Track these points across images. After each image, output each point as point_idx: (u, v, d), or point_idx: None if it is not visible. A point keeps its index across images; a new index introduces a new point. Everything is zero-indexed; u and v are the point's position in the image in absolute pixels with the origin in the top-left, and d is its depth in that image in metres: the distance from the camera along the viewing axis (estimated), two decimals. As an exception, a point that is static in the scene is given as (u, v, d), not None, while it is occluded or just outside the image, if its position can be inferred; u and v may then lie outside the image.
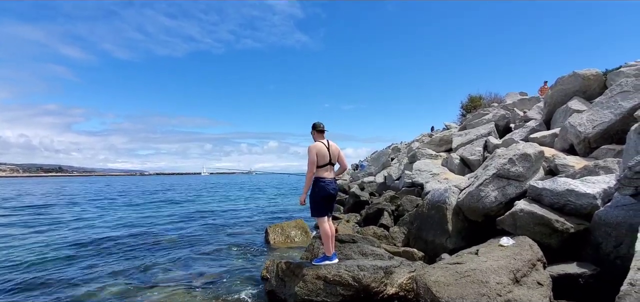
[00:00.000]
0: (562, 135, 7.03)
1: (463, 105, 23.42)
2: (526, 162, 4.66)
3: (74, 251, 7.55)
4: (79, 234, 9.66)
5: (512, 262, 3.19)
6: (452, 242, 5.01)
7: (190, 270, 6.01)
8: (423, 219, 5.81)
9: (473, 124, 13.14)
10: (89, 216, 13.96)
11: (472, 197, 4.86)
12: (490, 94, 22.50)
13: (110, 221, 12.51)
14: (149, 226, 11.05)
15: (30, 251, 7.57)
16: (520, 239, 3.74)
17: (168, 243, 8.31)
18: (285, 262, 4.60)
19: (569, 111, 7.69)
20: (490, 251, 3.65)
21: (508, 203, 4.56)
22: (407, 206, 8.27)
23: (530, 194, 4.34)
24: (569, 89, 8.50)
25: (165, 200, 21.81)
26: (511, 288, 2.93)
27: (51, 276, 5.80)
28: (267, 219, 12.42)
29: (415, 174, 10.44)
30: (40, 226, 11.27)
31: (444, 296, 2.89)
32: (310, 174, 4.29)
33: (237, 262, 6.43)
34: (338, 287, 3.82)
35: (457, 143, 11.64)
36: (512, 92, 18.15)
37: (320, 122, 4.52)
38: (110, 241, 8.59)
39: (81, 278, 5.65)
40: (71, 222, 12.09)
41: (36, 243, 8.41)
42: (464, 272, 3.11)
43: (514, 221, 4.11)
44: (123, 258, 6.98)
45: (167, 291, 4.95)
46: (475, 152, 9.66)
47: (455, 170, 9.91)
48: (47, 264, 6.55)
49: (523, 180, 4.64)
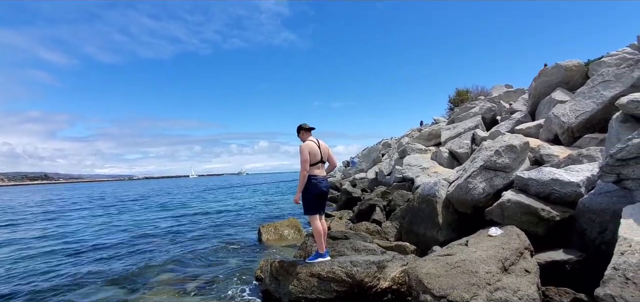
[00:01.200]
0: (546, 125, 7.20)
1: (451, 99, 23.73)
2: (512, 154, 4.76)
3: (68, 257, 7.45)
4: (72, 240, 9.47)
5: (500, 252, 3.27)
6: (443, 234, 5.09)
7: (184, 272, 5.96)
8: (414, 213, 5.89)
9: (461, 118, 13.34)
10: (83, 221, 13.70)
11: (461, 190, 4.94)
12: (477, 88, 22.87)
13: (103, 225, 12.32)
14: (141, 230, 10.90)
15: (29, 259, 7.45)
16: (508, 229, 3.82)
17: (161, 246, 8.22)
18: (278, 261, 4.60)
19: (553, 102, 7.87)
20: (479, 242, 3.72)
21: (496, 194, 4.65)
22: (398, 201, 8.36)
23: (517, 184, 4.44)
24: (552, 80, 8.70)
25: (156, 204, 21.53)
26: (500, 277, 3.00)
27: (45, 282, 5.72)
28: (259, 219, 12.38)
29: (405, 168, 10.55)
30: (38, 234, 11.08)
31: (435, 287, 2.93)
32: (304, 173, 4.29)
33: (231, 263, 6.40)
34: (332, 283, 3.84)
35: (445, 137, 11.80)
36: (498, 85, 18.46)
37: (306, 122, 4.57)
38: (103, 246, 8.47)
39: (76, 282, 5.59)
40: (64, 230, 11.85)
41: (34, 250, 8.27)
42: (454, 264, 3.16)
43: (501, 211, 4.20)
44: (116, 262, 6.91)
45: (161, 294, 4.90)
46: (463, 145, 9.81)
47: (444, 163, 10.05)
48: (43, 271, 6.47)
49: (510, 171, 4.74)
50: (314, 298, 3.86)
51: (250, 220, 12.45)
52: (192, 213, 15.54)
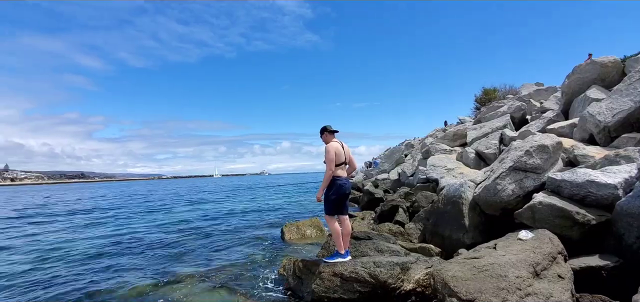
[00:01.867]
0: (581, 125, 6.85)
1: (477, 99, 23.01)
2: (544, 154, 4.57)
3: (106, 249, 8.07)
4: (113, 234, 10.07)
5: (531, 256, 3.15)
6: (469, 237, 4.97)
7: (210, 266, 6.17)
8: (439, 214, 5.77)
9: (488, 117, 12.92)
10: (124, 219, 14.53)
11: (489, 191, 4.80)
12: (505, 86, 22.05)
13: (141, 222, 13.07)
14: (170, 226, 11.36)
15: (75, 249, 8.11)
16: (539, 232, 3.68)
17: (189, 243, 8.51)
18: (301, 260, 4.66)
19: (588, 100, 7.48)
20: (508, 245, 3.60)
21: (526, 196, 4.49)
22: (422, 202, 8.22)
23: (549, 186, 4.26)
24: (587, 77, 8.26)
25: (188, 201, 22.45)
26: (531, 282, 2.90)
27: (88, 271, 6.22)
28: (283, 218, 12.54)
29: (429, 169, 10.35)
30: (82, 227, 11.98)
31: (462, 291, 2.87)
32: (330, 173, 4.35)
33: (255, 260, 6.53)
34: (355, 284, 3.85)
35: (471, 137, 11.47)
36: (527, 83, 17.72)
37: (329, 125, 4.65)
38: (138, 241, 8.97)
39: (111, 274, 5.97)
40: (108, 224, 12.70)
41: (81, 243, 8.97)
42: (482, 267, 3.09)
43: (532, 214, 4.05)
44: (150, 255, 7.41)
45: (189, 286, 5.10)
46: (490, 146, 9.50)
47: (470, 164, 9.78)
48: (89, 260, 7.06)
49: (541, 172, 4.56)
50: (336, 298, 3.88)
51: (273, 219, 12.65)
52: (218, 212, 15.98)
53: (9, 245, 9.14)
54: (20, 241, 9.71)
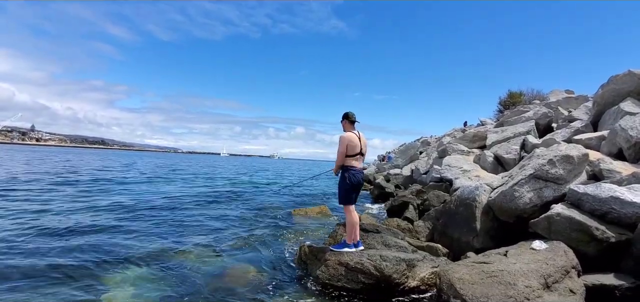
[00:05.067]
0: (610, 138, 6.52)
1: (501, 101, 22.28)
2: (568, 165, 4.39)
3: (123, 215, 8.35)
4: (131, 199, 10.42)
5: (543, 267, 3.06)
6: (480, 241, 4.86)
7: (217, 247, 6.25)
8: (450, 215, 5.67)
9: (511, 121, 12.50)
10: (136, 188, 15.01)
11: (505, 197, 4.67)
12: (531, 91, 21.22)
13: (154, 192, 13.58)
14: (184, 201, 11.62)
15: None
16: (554, 244, 3.56)
17: (195, 223, 8.66)
18: (307, 245, 4.70)
19: (621, 113, 7.09)
20: (520, 254, 3.51)
21: (543, 206, 4.33)
22: (433, 201, 8.10)
23: (569, 198, 4.10)
24: (623, 88, 7.81)
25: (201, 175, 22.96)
26: (541, 293, 2.82)
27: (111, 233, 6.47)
28: (293, 204, 12.57)
29: (444, 169, 10.16)
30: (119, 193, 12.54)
31: (468, 294, 2.83)
32: (339, 163, 4.46)
33: (263, 241, 6.56)
34: (359, 274, 3.85)
35: (492, 140, 11.13)
36: (557, 90, 16.96)
37: (352, 112, 4.58)
38: (149, 210, 9.24)
39: (123, 238, 6.16)
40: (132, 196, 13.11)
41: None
42: (490, 272, 3.02)
43: (549, 224, 3.91)
44: (162, 223, 7.74)
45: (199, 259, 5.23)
46: (511, 151, 9.21)
47: (488, 168, 9.53)
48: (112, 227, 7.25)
49: (562, 183, 4.38)
50: (339, 286, 3.90)
51: (283, 203, 12.69)
52: (227, 190, 16.22)
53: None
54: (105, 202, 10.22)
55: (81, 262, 4.82)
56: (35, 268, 4.50)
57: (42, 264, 4.63)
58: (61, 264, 4.71)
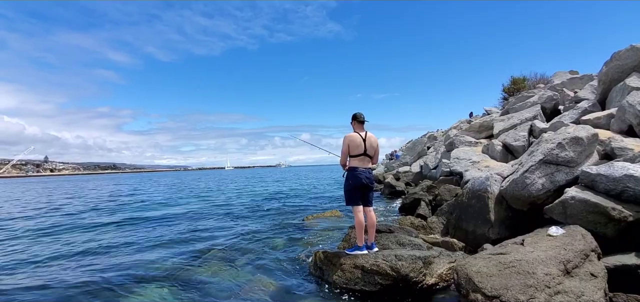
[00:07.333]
0: (619, 115, 6.43)
1: (505, 88, 22.03)
2: (578, 147, 4.34)
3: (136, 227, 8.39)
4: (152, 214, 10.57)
5: (562, 253, 3.03)
6: (495, 232, 4.82)
7: (234, 255, 6.31)
8: (463, 208, 5.64)
9: (516, 108, 12.38)
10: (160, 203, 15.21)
11: (517, 185, 4.63)
12: (535, 75, 20.95)
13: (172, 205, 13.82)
14: (198, 214, 11.74)
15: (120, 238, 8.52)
16: (571, 229, 3.52)
17: (217, 231, 8.76)
18: (322, 251, 4.70)
19: (627, 89, 6.99)
20: (537, 241, 3.48)
21: (557, 191, 4.29)
22: (445, 196, 8.06)
23: (583, 180, 4.05)
24: (627, 64, 7.71)
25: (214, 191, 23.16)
26: (561, 280, 2.79)
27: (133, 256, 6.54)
28: (306, 211, 12.61)
29: (453, 162, 10.09)
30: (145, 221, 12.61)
31: (487, 287, 2.81)
32: (342, 162, 4.60)
33: (277, 247, 6.64)
34: (376, 276, 3.85)
35: (498, 129, 11.04)
36: (560, 71, 16.75)
37: (360, 113, 4.64)
38: (165, 224, 9.33)
39: (142, 251, 6.24)
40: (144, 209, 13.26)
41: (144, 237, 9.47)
42: (508, 263, 3.00)
43: (564, 209, 3.87)
44: (177, 239, 7.82)
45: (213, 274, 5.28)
46: (519, 138, 9.12)
47: (497, 157, 9.45)
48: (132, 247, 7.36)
49: (574, 166, 4.34)
50: (357, 289, 3.90)
51: (295, 209, 12.73)
52: (242, 203, 16.32)
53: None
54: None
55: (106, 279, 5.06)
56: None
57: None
58: (86, 281, 4.97)
